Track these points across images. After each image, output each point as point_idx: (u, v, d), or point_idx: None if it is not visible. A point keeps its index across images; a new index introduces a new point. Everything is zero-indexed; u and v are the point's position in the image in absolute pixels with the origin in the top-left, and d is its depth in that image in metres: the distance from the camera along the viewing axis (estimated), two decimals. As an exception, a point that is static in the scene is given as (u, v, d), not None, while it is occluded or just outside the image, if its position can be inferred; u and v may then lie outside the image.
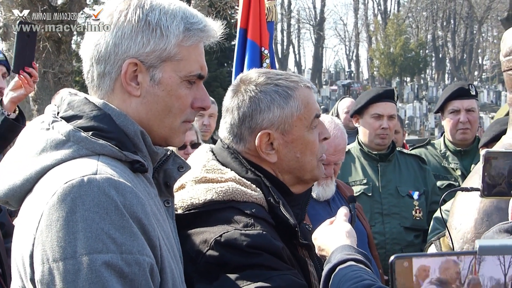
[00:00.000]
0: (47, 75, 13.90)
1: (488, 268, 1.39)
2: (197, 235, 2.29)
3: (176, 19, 2.03)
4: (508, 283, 1.39)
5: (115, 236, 1.71)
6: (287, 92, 2.46)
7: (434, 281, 1.42)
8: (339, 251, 2.23)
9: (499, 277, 1.39)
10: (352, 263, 2.14)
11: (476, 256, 1.40)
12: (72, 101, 2.02)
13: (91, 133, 1.90)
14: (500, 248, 1.40)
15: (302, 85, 2.50)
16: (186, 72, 2.04)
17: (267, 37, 5.87)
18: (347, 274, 2.08)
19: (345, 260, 2.15)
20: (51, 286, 1.68)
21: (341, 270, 2.12)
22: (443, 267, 1.41)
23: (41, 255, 1.70)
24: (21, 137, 2.05)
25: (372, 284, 2.01)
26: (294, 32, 75.97)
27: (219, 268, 2.20)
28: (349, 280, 2.05)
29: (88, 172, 1.77)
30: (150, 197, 1.96)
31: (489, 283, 1.39)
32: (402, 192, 5.19)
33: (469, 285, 1.40)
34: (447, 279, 1.41)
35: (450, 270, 1.41)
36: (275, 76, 2.50)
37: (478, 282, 1.40)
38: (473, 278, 1.40)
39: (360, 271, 2.09)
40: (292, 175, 2.52)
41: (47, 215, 1.72)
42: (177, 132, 2.11)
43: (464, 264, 1.40)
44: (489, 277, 1.39)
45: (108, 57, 2.01)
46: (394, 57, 62.94)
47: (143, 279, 1.74)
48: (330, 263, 2.19)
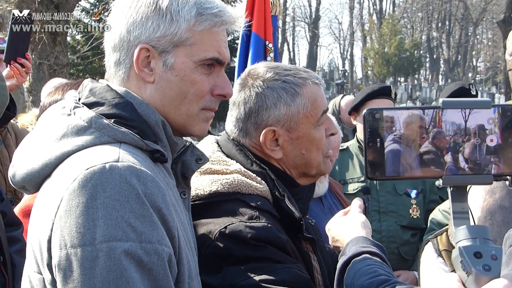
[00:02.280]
0: (42, 66, 13.87)
1: (450, 116, 1.47)
2: (201, 226, 2.28)
3: (188, 4, 2.00)
4: (469, 127, 1.45)
5: (135, 224, 1.69)
6: (294, 89, 2.44)
7: (397, 138, 1.47)
8: (354, 243, 2.21)
9: (460, 122, 1.46)
10: (367, 256, 2.12)
11: (439, 111, 1.48)
12: (94, 87, 2.01)
13: (113, 121, 1.89)
14: (462, 103, 1.49)
15: (310, 82, 2.48)
16: (200, 56, 2.01)
17: (271, 30, 5.86)
18: (362, 269, 2.06)
19: (360, 253, 2.14)
20: (68, 272, 1.65)
21: (356, 264, 2.10)
22: (407, 121, 1.47)
23: (59, 241, 1.68)
24: (40, 122, 2.03)
25: (387, 279, 1.99)
26: (289, 29, 75.97)
27: (223, 259, 2.20)
28: (364, 275, 2.03)
29: (110, 159, 1.76)
30: (169, 188, 1.94)
31: (451, 127, 1.46)
32: (399, 190, 5.19)
33: (434, 139, 1.46)
34: (409, 135, 1.47)
35: (413, 124, 1.47)
36: (283, 72, 2.48)
37: (443, 135, 1.46)
38: (437, 131, 1.47)
39: (375, 265, 2.07)
40: (298, 170, 2.51)
41: (66, 201, 1.70)
42: (196, 119, 2.07)
43: (427, 117, 1.47)
44: (450, 122, 1.46)
45: (121, 44, 2.00)
46: (388, 57, 63.00)
47: (162, 269, 1.73)
48: (345, 255, 2.17)
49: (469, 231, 1.40)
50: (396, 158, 1.46)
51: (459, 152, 1.45)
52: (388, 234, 5.08)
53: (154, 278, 1.71)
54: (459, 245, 1.39)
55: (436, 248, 3.20)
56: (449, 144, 1.45)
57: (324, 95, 2.55)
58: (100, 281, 1.63)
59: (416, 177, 1.48)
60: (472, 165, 1.45)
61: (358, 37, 79.03)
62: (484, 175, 1.46)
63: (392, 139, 1.46)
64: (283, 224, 2.37)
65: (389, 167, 1.46)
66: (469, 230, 1.40)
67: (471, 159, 1.45)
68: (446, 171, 1.45)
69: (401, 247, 5.09)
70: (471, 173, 1.45)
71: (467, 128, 1.45)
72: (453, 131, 1.45)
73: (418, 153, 1.46)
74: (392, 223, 5.12)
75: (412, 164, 1.46)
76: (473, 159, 1.45)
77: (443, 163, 1.46)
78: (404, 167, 1.46)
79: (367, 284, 1.99)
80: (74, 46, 22.96)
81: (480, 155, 1.45)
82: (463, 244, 1.38)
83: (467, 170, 1.45)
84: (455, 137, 1.45)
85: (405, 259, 5.08)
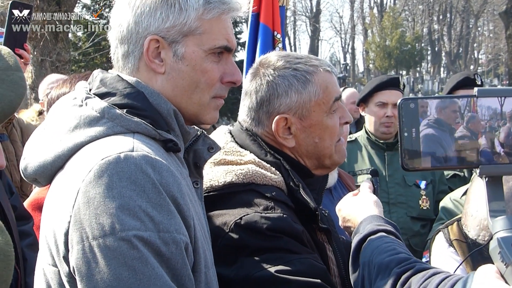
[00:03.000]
0: (44, 63, 13.85)
1: (485, 102, 1.44)
2: (216, 218, 2.27)
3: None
4: (505, 112, 1.42)
5: (153, 214, 1.68)
6: (305, 76, 2.42)
7: (431, 123, 1.44)
8: (368, 221, 2.18)
9: (496, 107, 1.43)
10: (384, 234, 2.10)
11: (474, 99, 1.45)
12: (104, 78, 2.00)
13: (126, 111, 1.88)
14: (498, 91, 1.45)
15: (322, 69, 2.46)
16: (210, 45, 2.00)
17: (279, 21, 5.85)
18: (380, 246, 2.03)
19: (376, 231, 2.11)
20: (92, 264, 1.64)
21: (373, 242, 2.07)
22: (441, 105, 1.45)
23: (80, 233, 1.67)
24: (51, 114, 2.02)
25: (407, 258, 1.96)
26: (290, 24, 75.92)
27: (239, 250, 2.19)
28: (383, 252, 2.00)
29: (124, 149, 1.75)
30: (183, 177, 1.92)
31: (486, 112, 1.43)
32: (409, 182, 5.16)
33: (468, 123, 1.44)
34: (443, 119, 1.44)
35: (447, 109, 1.45)
36: (294, 60, 2.46)
37: (478, 119, 1.43)
38: (472, 116, 1.44)
39: (393, 243, 2.05)
40: (312, 160, 2.50)
41: (83, 193, 1.69)
42: (207, 108, 2.06)
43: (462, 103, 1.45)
44: (486, 106, 1.43)
45: (130, 36, 1.99)
46: (390, 50, 63.01)
47: (180, 258, 1.72)
48: (359, 233, 2.15)
49: (507, 222, 1.37)
50: (432, 144, 1.42)
51: (494, 136, 1.42)
52: (398, 225, 5.03)
53: (173, 267, 1.71)
54: (497, 236, 1.36)
55: (447, 237, 3.19)
56: (485, 128, 1.42)
57: (336, 83, 2.53)
58: (127, 269, 1.63)
59: (452, 168, 1.45)
60: (508, 150, 1.42)
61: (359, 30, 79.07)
62: None
63: (426, 123, 1.42)
64: (298, 214, 2.35)
65: (426, 156, 1.43)
66: (507, 220, 1.37)
67: (507, 143, 1.42)
68: (481, 156, 1.42)
69: (411, 239, 5.06)
70: (507, 161, 1.42)
71: (503, 113, 1.42)
72: (488, 116, 1.42)
73: (453, 138, 1.42)
74: (402, 214, 5.09)
75: (447, 150, 1.42)
76: (509, 143, 1.42)
77: (478, 148, 1.42)
78: (440, 155, 1.42)
79: (387, 262, 1.96)
80: (75, 42, 22.97)
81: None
82: (502, 235, 1.35)
83: (502, 155, 1.42)
84: (490, 121, 1.42)
85: (415, 251, 5.04)
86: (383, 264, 1.96)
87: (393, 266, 1.93)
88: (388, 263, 1.95)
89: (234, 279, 2.15)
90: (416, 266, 1.90)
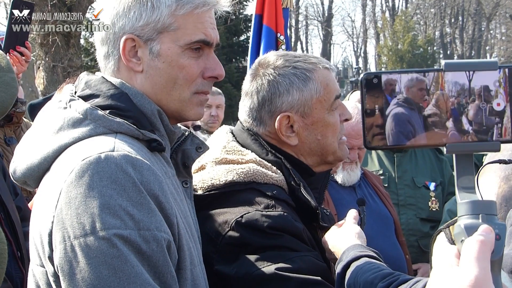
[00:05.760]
0: (56, 69, 13.92)
1: (452, 77, 1.39)
2: (217, 216, 2.28)
3: None
4: (473, 88, 1.37)
5: (133, 212, 1.70)
6: (305, 74, 2.43)
7: (401, 102, 1.39)
8: (351, 250, 2.19)
9: (464, 82, 1.38)
10: (367, 259, 2.10)
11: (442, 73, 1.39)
12: (89, 80, 2.03)
13: (108, 112, 1.90)
14: (466, 64, 1.39)
15: (321, 66, 2.47)
16: (186, 40, 2.00)
17: (283, 23, 5.86)
18: (364, 267, 2.04)
19: (358, 257, 2.12)
20: (74, 263, 1.66)
21: (357, 266, 2.08)
22: (408, 84, 1.39)
23: (62, 233, 1.69)
24: (39, 117, 2.04)
25: (391, 272, 1.98)
26: (302, 28, 75.93)
27: (239, 249, 2.20)
28: (367, 271, 2.01)
29: (105, 149, 1.77)
30: (167, 177, 1.94)
31: (454, 88, 1.38)
32: (418, 183, 5.16)
33: (437, 101, 1.39)
34: (411, 98, 1.39)
35: (415, 87, 1.39)
36: (293, 59, 2.48)
37: (446, 97, 1.39)
38: (440, 93, 1.39)
39: (376, 263, 2.06)
40: (315, 157, 2.50)
41: (65, 193, 1.71)
42: (189, 104, 2.06)
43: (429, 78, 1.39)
44: (454, 82, 1.38)
45: (108, 37, 2.02)
46: (402, 53, 62.85)
47: (161, 256, 1.74)
48: (342, 261, 2.15)
49: (472, 206, 1.32)
50: (401, 122, 1.39)
51: (463, 114, 1.38)
52: (407, 227, 5.04)
53: (154, 265, 1.72)
54: (461, 222, 1.30)
55: (449, 237, 3.16)
56: (453, 106, 1.38)
57: (335, 80, 2.55)
58: (106, 268, 1.65)
59: (420, 146, 1.40)
60: (477, 127, 1.37)
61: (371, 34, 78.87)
62: (491, 142, 1.38)
63: (396, 102, 1.39)
64: (299, 213, 2.37)
65: (393, 134, 1.39)
66: (472, 205, 1.32)
67: (476, 121, 1.38)
68: (449, 135, 1.38)
69: (421, 240, 5.06)
70: (476, 139, 1.37)
71: (471, 89, 1.38)
72: (456, 92, 1.38)
73: (422, 116, 1.39)
74: (411, 215, 5.09)
75: (416, 128, 1.38)
76: (477, 121, 1.37)
77: (446, 126, 1.38)
78: (408, 133, 1.39)
79: (371, 279, 1.98)
80: (87, 48, 23.05)
81: (485, 117, 1.38)
82: (466, 222, 1.29)
83: (471, 133, 1.38)
84: (458, 98, 1.38)
85: (425, 252, 5.03)
86: (368, 281, 1.98)
87: (377, 282, 1.95)
88: (373, 280, 1.97)
89: (235, 276, 2.16)
90: (400, 278, 1.93)
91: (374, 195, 4.25)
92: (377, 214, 4.09)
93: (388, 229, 4.11)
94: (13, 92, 2.25)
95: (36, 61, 14.40)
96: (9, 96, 2.22)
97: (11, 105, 2.25)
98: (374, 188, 4.31)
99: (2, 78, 2.22)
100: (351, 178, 4.13)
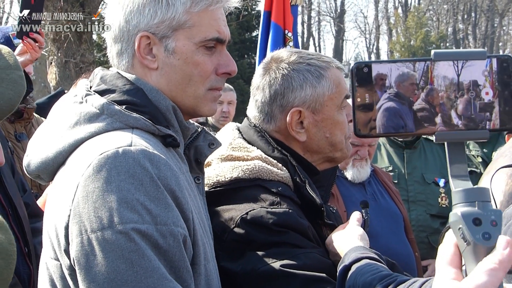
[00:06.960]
0: (68, 64, 13.94)
1: (441, 71, 1.40)
2: (222, 213, 2.29)
3: None
4: (462, 82, 1.39)
5: (150, 207, 1.71)
6: (319, 71, 2.45)
7: (392, 97, 1.40)
8: (352, 252, 2.20)
9: (452, 77, 1.39)
10: (368, 261, 2.11)
11: (431, 63, 1.40)
12: (104, 75, 2.03)
13: (125, 107, 1.91)
14: (455, 54, 1.40)
15: (334, 65, 2.50)
16: (200, 37, 2.02)
17: (291, 20, 5.87)
18: (364, 269, 2.05)
19: (360, 259, 2.12)
20: (90, 256, 1.67)
21: (357, 268, 2.08)
22: (399, 80, 1.40)
23: (79, 227, 1.70)
24: (53, 111, 2.05)
25: (390, 274, 1.99)
26: (315, 24, 75.76)
27: (245, 245, 2.21)
28: (366, 273, 2.02)
29: (123, 144, 1.77)
30: (182, 173, 1.94)
31: (443, 82, 1.39)
32: (428, 179, 5.16)
33: (427, 96, 1.40)
34: (402, 92, 1.40)
35: (406, 82, 1.40)
36: (306, 56, 2.50)
37: (436, 91, 1.40)
38: (430, 88, 1.40)
39: (376, 265, 2.07)
40: (321, 154, 2.52)
41: (83, 187, 1.72)
42: (204, 100, 2.07)
43: (419, 72, 1.40)
44: (442, 76, 1.39)
45: (122, 35, 2.03)
46: (414, 50, 62.59)
47: (178, 250, 1.74)
48: (343, 263, 2.16)
49: (467, 194, 1.33)
50: (392, 115, 1.39)
51: (452, 108, 1.39)
52: (417, 223, 5.04)
53: (171, 259, 1.73)
54: (457, 210, 1.30)
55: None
56: (443, 101, 1.39)
57: (345, 81, 2.56)
58: (123, 262, 1.66)
59: (409, 134, 1.41)
60: (466, 122, 1.39)
61: (384, 30, 78.61)
62: (479, 130, 1.39)
63: (387, 97, 1.40)
64: (304, 210, 2.37)
65: (383, 124, 1.39)
66: (467, 192, 1.33)
67: (465, 115, 1.39)
68: (439, 128, 1.39)
69: (431, 236, 5.07)
70: (464, 129, 1.38)
71: (460, 83, 1.39)
72: (445, 86, 1.39)
73: (412, 110, 1.39)
74: (421, 212, 5.09)
75: (406, 121, 1.39)
76: (467, 115, 1.39)
77: (435, 121, 1.39)
78: (397, 124, 1.40)
79: (370, 280, 1.98)
80: (100, 44, 23.11)
81: (473, 107, 1.39)
82: (463, 210, 1.30)
83: (460, 127, 1.39)
84: (447, 92, 1.39)
85: (435, 248, 5.01)
86: (366, 283, 1.98)
87: (375, 283, 1.96)
88: (371, 281, 1.97)
89: (240, 273, 2.17)
90: (398, 279, 1.93)
91: (384, 192, 4.25)
92: (387, 211, 4.10)
93: (397, 227, 4.11)
94: (21, 90, 2.27)
95: (49, 57, 14.45)
96: (16, 94, 2.24)
97: (18, 102, 2.27)
98: (383, 185, 4.31)
99: (10, 76, 2.24)
100: (361, 175, 4.14)
